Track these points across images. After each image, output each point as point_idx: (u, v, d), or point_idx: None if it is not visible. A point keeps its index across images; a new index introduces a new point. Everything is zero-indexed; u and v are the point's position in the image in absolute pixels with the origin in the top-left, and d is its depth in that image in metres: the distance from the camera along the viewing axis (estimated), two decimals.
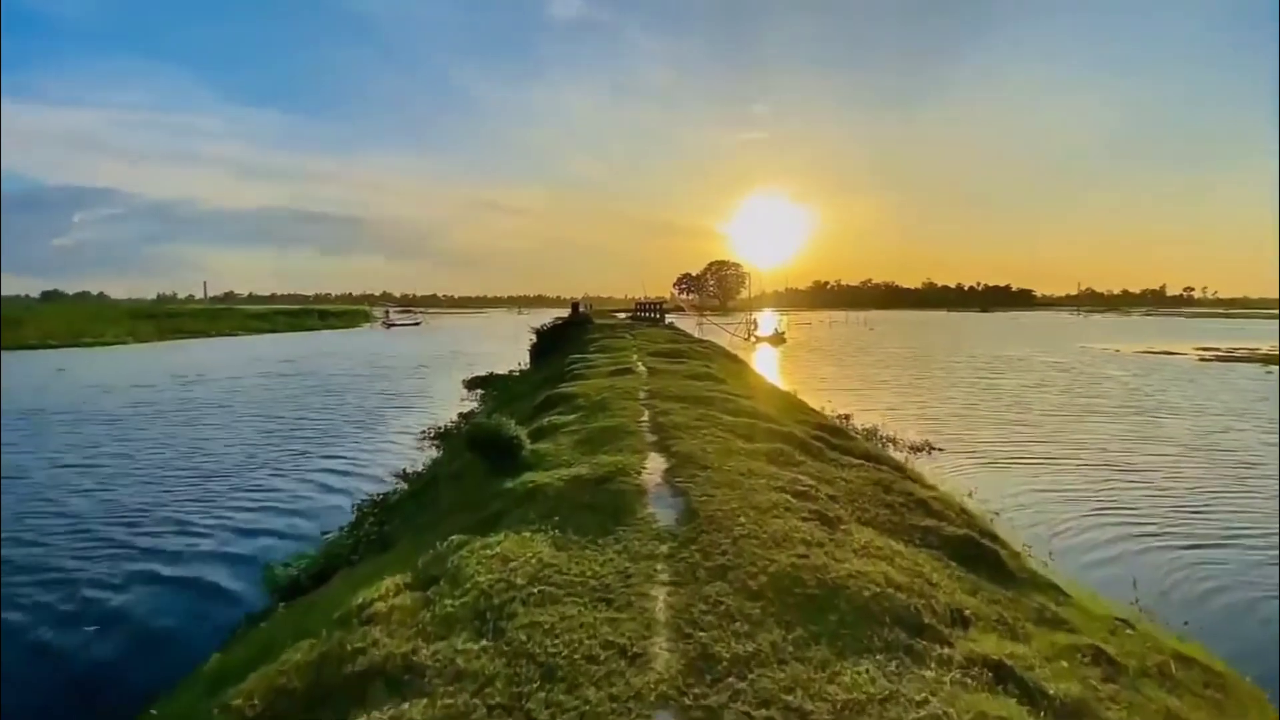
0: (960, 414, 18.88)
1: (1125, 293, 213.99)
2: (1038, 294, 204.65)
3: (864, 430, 14.55)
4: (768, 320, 64.23)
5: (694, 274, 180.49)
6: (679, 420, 6.80)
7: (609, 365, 12.49)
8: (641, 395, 8.47)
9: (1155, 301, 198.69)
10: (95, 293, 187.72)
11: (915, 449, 13.44)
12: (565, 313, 45.08)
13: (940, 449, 13.74)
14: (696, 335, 31.88)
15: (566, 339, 26.70)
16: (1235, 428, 17.18)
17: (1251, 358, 34.81)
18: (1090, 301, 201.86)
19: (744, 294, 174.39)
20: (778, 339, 48.23)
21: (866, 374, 29.75)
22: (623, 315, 48.76)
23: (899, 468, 7.67)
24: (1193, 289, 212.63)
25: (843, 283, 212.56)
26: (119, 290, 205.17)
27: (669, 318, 37.06)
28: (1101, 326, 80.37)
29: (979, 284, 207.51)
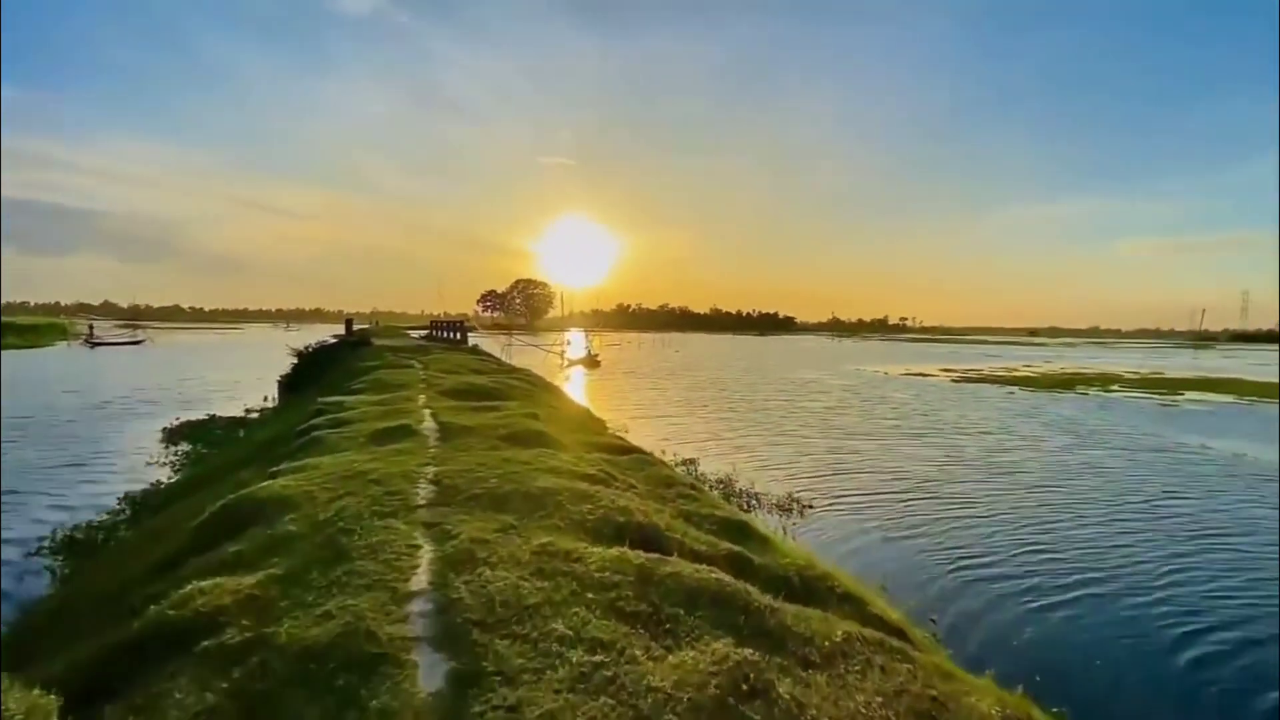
0: (786, 445, 17.74)
1: (860, 320, 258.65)
2: (798, 320, 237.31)
3: (716, 482, 12.20)
4: (578, 341, 61.92)
5: (500, 291, 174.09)
6: (500, 585, 3.10)
7: (377, 417, 8.13)
8: (420, 497, 4.54)
9: (881, 328, 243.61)
10: None
11: (780, 507, 11.16)
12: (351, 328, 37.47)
13: (805, 504, 11.66)
14: (504, 359, 27.88)
15: (333, 366, 20.73)
16: (1009, 445, 18.62)
17: (985, 378, 41.26)
18: (836, 328, 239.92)
19: (552, 313, 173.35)
20: (592, 361, 45.86)
21: (687, 398, 28.42)
22: (418, 334, 42.34)
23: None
24: (906, 318, 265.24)
25: (643, 306, 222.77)
26: None
27: (472, 338, 32.15)
28: (855, 350, 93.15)
29: (754, 310, 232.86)
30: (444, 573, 3.16)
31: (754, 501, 11.06)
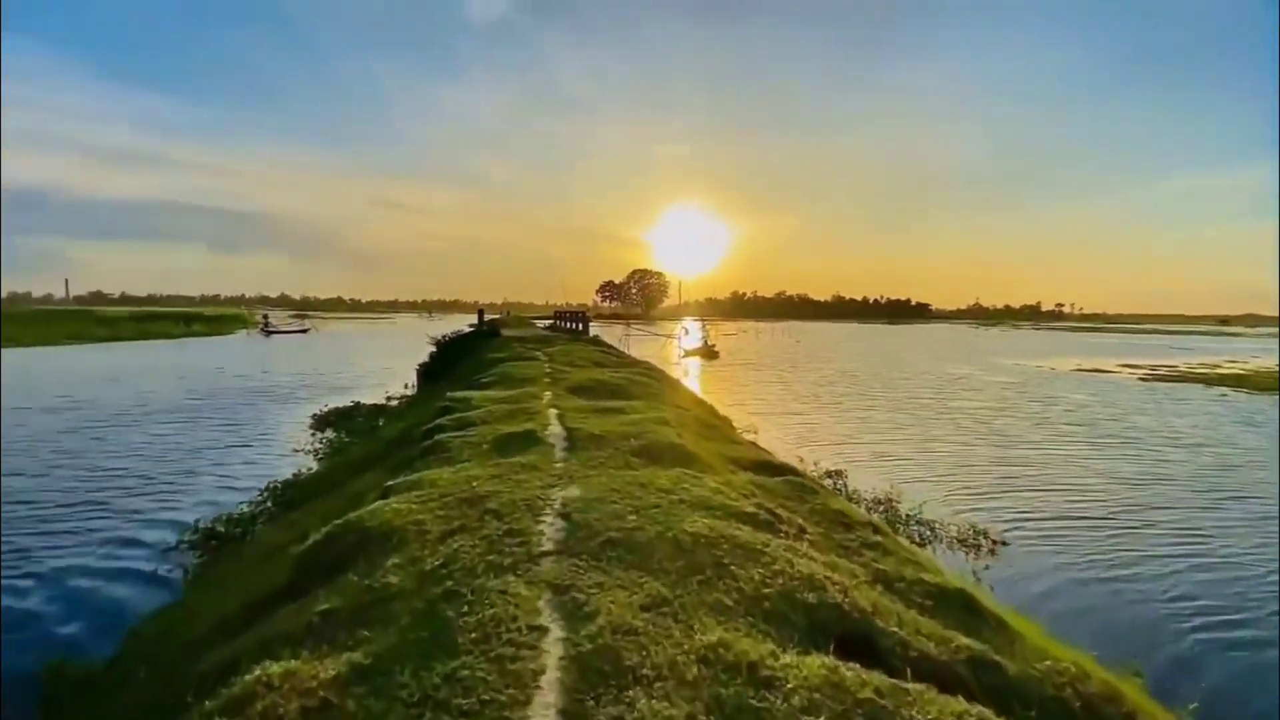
0: (941, 453, 15.33)
1: (1007, 307, 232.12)
2: (933, 307, 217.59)
3: (873, 502, 10.50)
4: (694, 330, 60.81)
5: (617, 281, 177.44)
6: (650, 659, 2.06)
7: (502, 418, 7.53)
8: (546, 537, 3.61)
9: (1032, 315, 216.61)
10: None
11: (962, 540, 9.19)
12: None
13: (994, 537, 9.53)
14: (624, 349, 27.41)
15: (466, 356, 21.27)
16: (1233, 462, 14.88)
17: (1183, 376, 34.61)
18: (978, 315, 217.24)
19: (667, 302, 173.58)
20: (709, 351, 44.50)
21: (817, 395, 26.27)
22: (542, 323, 43.46)
23: None
24: (1062, 304, 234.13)
25: (758, 293, 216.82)
26: None
27: (591, 328, 32.08)
28: (1005, 340, 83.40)
29: (882, 297, 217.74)
30: (580, 697, 2.14)
31: (928, 533, 9.23)
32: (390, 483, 5.06)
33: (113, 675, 4.63)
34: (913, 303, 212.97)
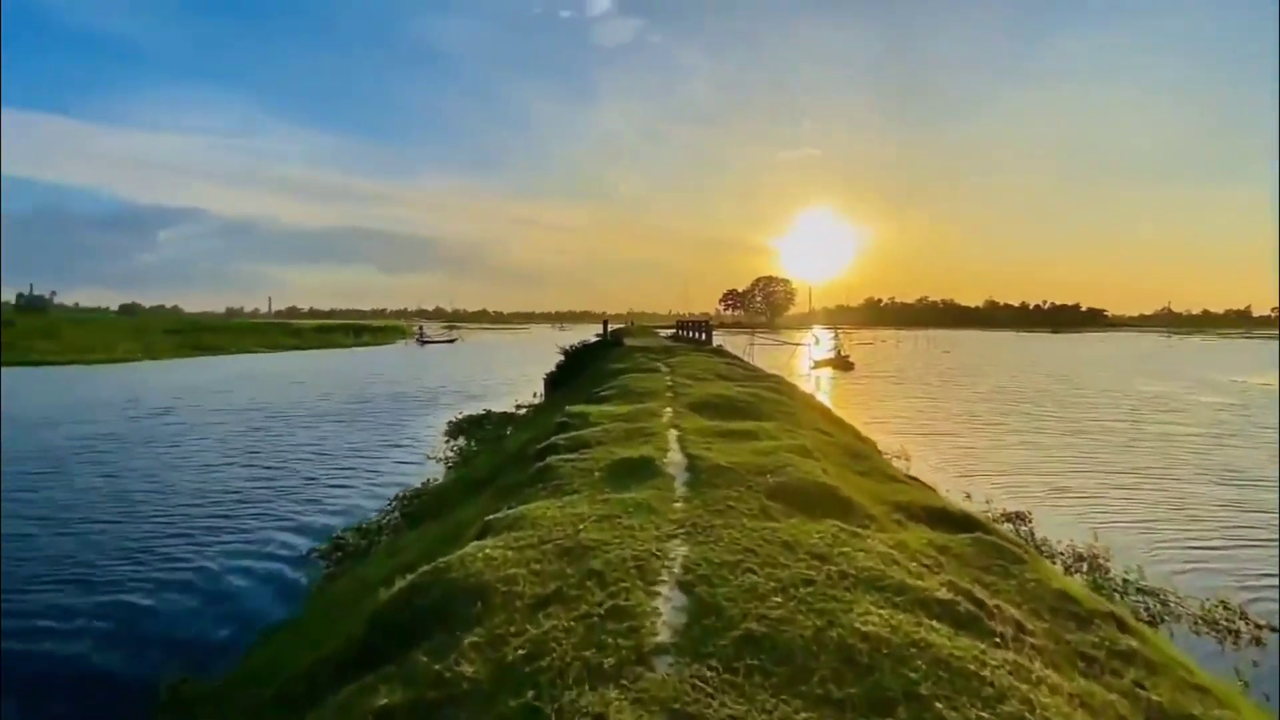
0: (1145, 491, 12.33)
1: (1206, 312, 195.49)
2: (1109, 313, 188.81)
3: (1074, 558, 8.42)
4: (824, 339, 57.40)
5: (740, 290, 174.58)
6: None
7: (620, 439, 6.83)
8: (660, 624, 2.73)
9: (1242, 321, 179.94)
10: (170, 306, 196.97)
11: (1211, 622, 6.92)
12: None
13: (1258, 621, 7.13)
14: (748, 359, 26.11)
15: (589, 366, 21.24)
16: None
17: None
18: (1169, 322, 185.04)
19: (794, 310, 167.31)
20: (843, 363, 41.48)
21: (970, 412, 23.11)
22: (665, 333, 43.23)
23: None
24: None
25: (897, 300, 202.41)
26: (194, 303, 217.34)
27: (716, 336, 30.93)
28: (1209, 351, 69.85)
29: (1045, 302, 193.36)
30: None
31: (1156, 606, 7.09)
32: (491, 516, 4.48)
33: (221, 698, 4.47)
34: (1082, 308, 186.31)
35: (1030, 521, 10.09)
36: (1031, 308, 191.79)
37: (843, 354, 43.68)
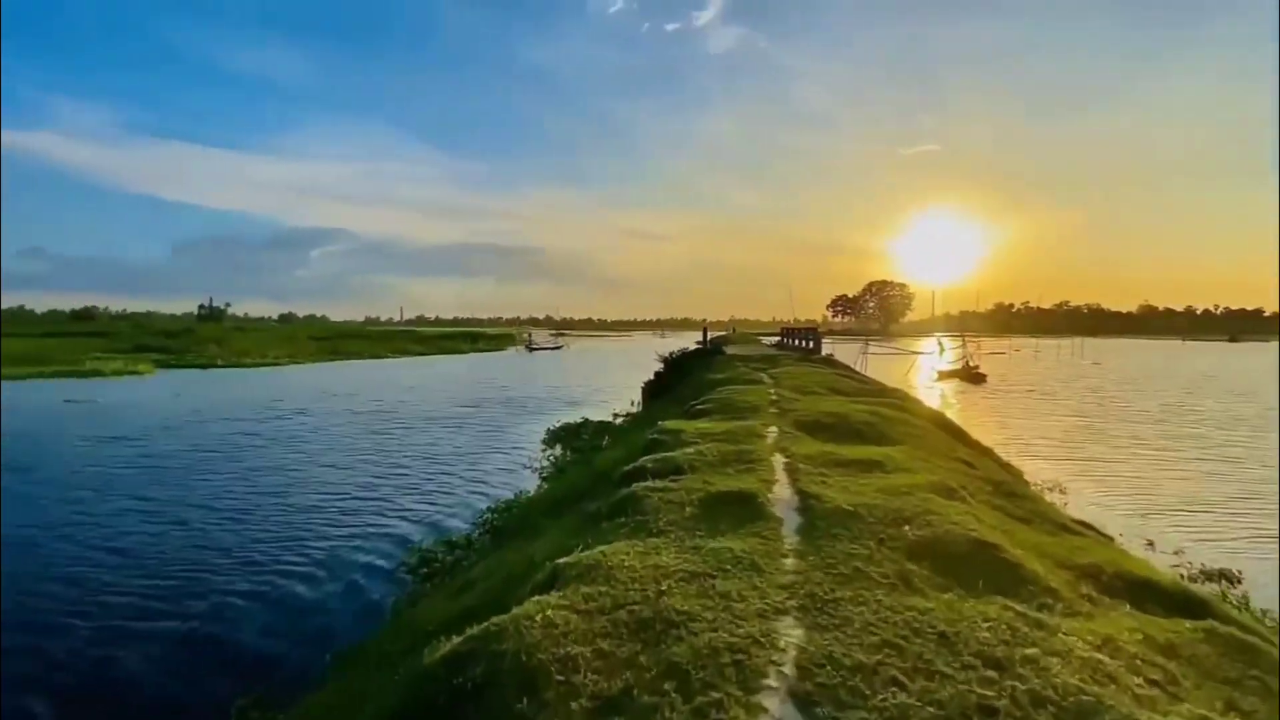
0: None
1: None
2: None
3: None
4: (947, 347, 52.58)
5: (851, 295, 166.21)
6: None
7: (716, 464, 6.00)
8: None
9: None
10: (319, 315, 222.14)
11: None
12: (709, 336, 38.97)
13: None
14: (859, 369, 24.11)
15: (689, 375, 20.47)
16: None
17: None
18: None
19: (910, 316, 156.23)
20: (973, 375, 37.52)
21: (1136, 436, 19.65)
22: (770, 340, 41.49)
23: None
24: None
25: (1031, 304, 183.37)
26: (339, 313, 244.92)
27: (825, 345, 28.92)
28: None
29: (1217, 307, 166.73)
30: None
31: None
32: (563, 560, 3.82)
33: None
34: (1265, 313, 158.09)
35: (1240, 581, 7.97)
36: (1200, 312, 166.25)
37: (971, 365, 39.58)
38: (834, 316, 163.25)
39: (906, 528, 4.03)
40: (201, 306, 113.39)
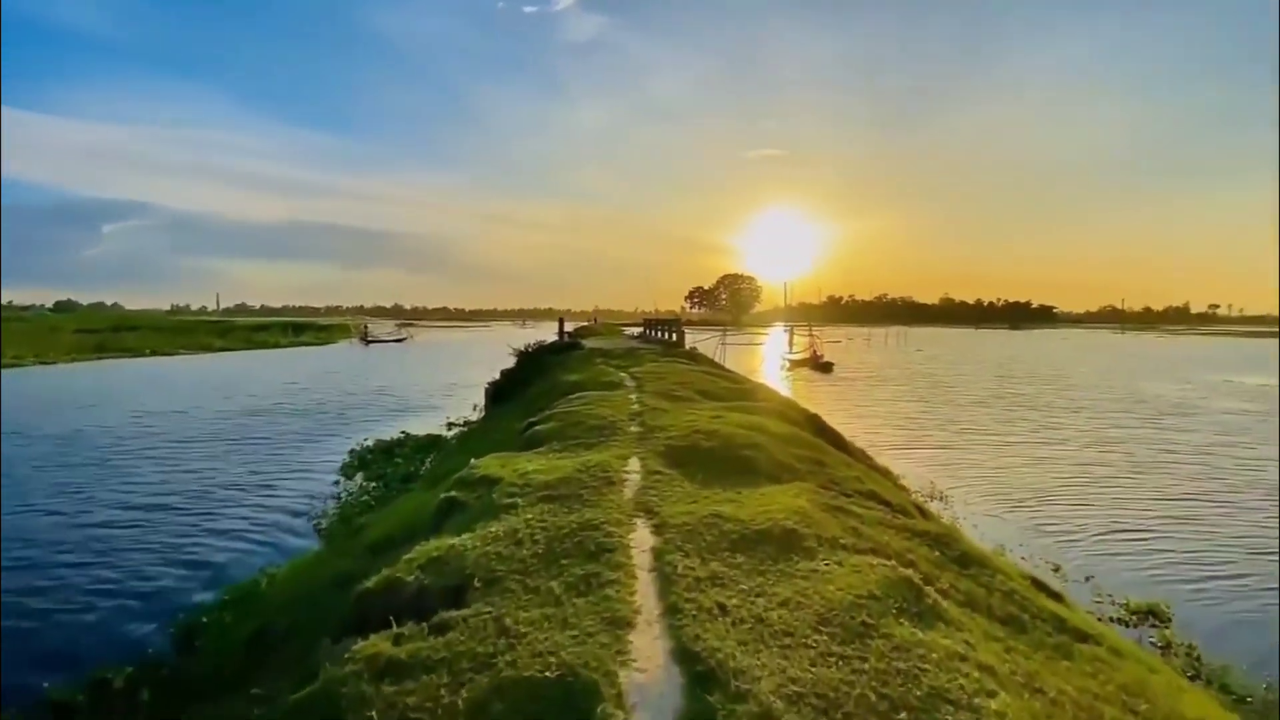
0: (1202, 523, 9.61)
1: (1147, 309, 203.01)
2: (1058, 310, 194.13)
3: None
4: (782, 337, 54.88)
5: (706, 287, 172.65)
6: None
7: (550, 542, 3.39)
8: None
9: (1181, 318, 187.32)
10: (110, 303, 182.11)
11: None
12: (570, 326, 36.04)
13: None
14: (722, 361, 23.07)
15: (541, 374, 17.67)
16: None
17: None
18: (1113, 318, 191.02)
19: (758, 308, 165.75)
20: (820, 364, 38.73)
21: (974, 422, 20.43)
22: (632, 331, 39.83)
23: None
24: (1217, 306, 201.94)
25: (856, 297, 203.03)
26: (137, 301, 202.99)
27: (686, 336, 27.53)
28: (1176, 347, 70.53)
29: (999, 300, 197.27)
30: None
31: None
32: None
33: None
34: (1033, 305, 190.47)
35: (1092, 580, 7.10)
36: (985, 305, 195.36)
37: (818, 354, 41.00)
38: (691, 308, 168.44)
39: (813, 607, 1.77)
40: None
